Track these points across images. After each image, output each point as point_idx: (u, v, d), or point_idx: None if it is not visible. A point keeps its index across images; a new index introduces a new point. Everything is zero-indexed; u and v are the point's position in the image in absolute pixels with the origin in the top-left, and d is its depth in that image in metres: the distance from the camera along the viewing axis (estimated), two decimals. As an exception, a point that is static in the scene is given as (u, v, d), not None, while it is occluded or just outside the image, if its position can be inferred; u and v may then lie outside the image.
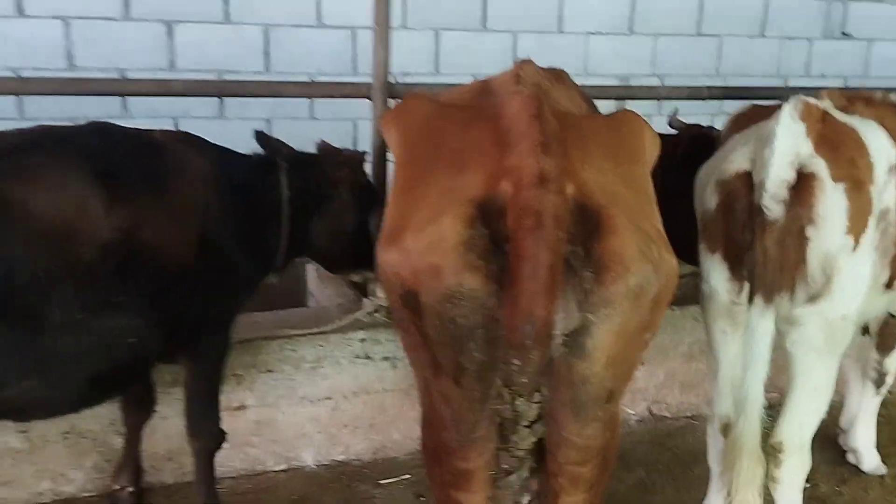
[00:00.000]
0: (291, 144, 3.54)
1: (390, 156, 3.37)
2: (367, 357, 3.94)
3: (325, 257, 3.57)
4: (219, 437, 3.28)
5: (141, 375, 2.99)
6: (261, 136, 3.38)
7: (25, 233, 2.32)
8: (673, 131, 4.14)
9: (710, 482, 3.44)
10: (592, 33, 6.78)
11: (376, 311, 3.96)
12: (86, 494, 3.57)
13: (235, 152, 3.29)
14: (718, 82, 6.71)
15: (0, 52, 5.44)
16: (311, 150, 3.56)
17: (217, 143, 3.25)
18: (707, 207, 2.94)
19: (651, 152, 2.34)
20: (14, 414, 2.67)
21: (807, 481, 3.18)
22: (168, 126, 5.37)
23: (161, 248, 2.71)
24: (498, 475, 1.90)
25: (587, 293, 1.85)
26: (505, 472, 1.88)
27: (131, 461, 3.48)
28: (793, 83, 7.11)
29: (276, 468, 3.89)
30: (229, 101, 6.13)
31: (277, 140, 3.42)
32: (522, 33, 6.64)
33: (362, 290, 4.29)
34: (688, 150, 3.60)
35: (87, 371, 2.59)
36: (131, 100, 5.84)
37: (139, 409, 3.41)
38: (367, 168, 3.72)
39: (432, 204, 1.94)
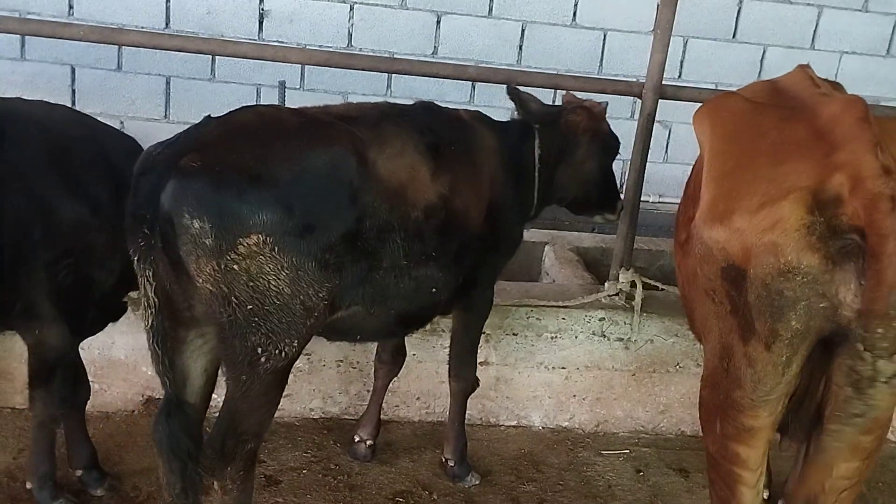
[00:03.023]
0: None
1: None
2: (603, 335, 4.22)
3: (570, 202, 3.82)
4: (474, 382, 3.69)
5: (428, 321, 3.40)
6: (512, 92, 3.66)
7: (375, 187, 2.77)
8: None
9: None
10: (847, 52, 6.68)
11: (617, 293, 4.24)
12: (346, 417, 4.10)
13: (506, 124, 3.66)
14: (980, 113, 6.39)
15: (295, 31, 6.20)
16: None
17: (495, 119, 3.63)
18: None
19: None
20: (336, 333, 3.14)
21: None
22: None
23: (466, 212, 3.12)
24: (847, 417, 2.20)
25: None
26: (854, 414, 2.18)
27: (374, 415, 3.86)
28: None
29: (507, 423, 4.27)
30: (480, 90, 6.60)
31: (527, 94, 3.69)
32: (772, 47, 6.66)
33: (599, 275, 4.61)
34: None
35: (398, 308, 3.04)
36: (394, 80, 6.46)
37: (392, 363, 3.81)
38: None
39: (760, 190, 2.22)
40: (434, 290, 3.09)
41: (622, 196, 3.97)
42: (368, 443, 3.84)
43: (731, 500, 2.43)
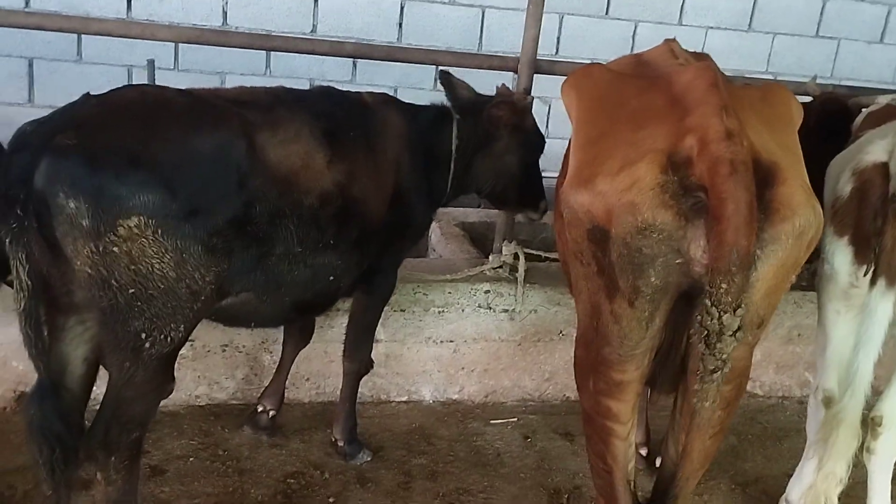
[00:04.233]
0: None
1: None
2: (489, 308, 4.30)
3: (489, 194, 3.81)
4: (368, 364, 3.71)
5: (328, 307, 3.38)
6: (444, 76, 3.65)
7: (264, 173, 2.73)
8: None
9: (805, 451, 3.66)
10: (712, 27, 6.98)
11: (500, 266, 4.32)
12: (234, 402, 4.04)
13: (421, 108, 3.61)
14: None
15: (166, 10, 6.00)
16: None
17: (408, 102, 3.60)
18: (840, 194, 3.13)
19: (797, 120, 2.66)
20: (229, 319, 3.12)
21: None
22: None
23: (366, 199, 3.11)
24: (705, 374, 2.25)
25: (758, 231, 2.17)
26: (711, 371, 2.25)
27: (279, 386, 3.85)
28: (908, 90, 7.16)
29: (398, 399, 4.30)
30: (361, 68, 6.56)
31: (459, 80, 3.67)
32: (642, 23, 6.90)
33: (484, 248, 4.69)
34: (819, 117, 3.77)
35: (293, 296, 3.02)
36: (273, 59, 6.34)
37: (300, 337, 3.79)
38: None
39: (620, 155, 2.30)
40: (332, 277, 3.08)
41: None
42: (271, 413, 3.81)
43: (605, 453, 2.55)
